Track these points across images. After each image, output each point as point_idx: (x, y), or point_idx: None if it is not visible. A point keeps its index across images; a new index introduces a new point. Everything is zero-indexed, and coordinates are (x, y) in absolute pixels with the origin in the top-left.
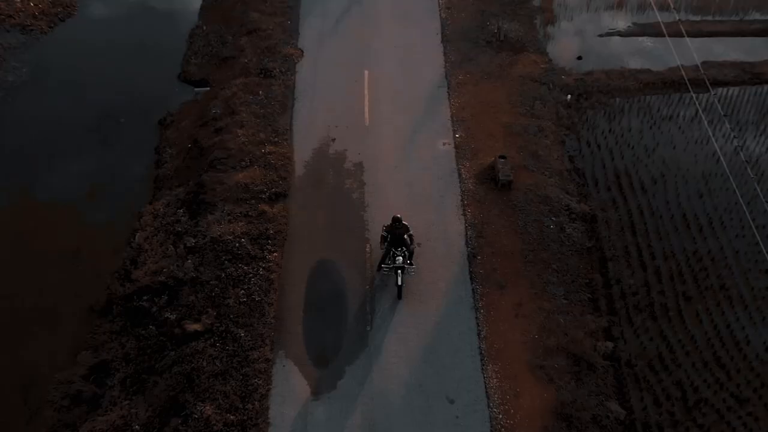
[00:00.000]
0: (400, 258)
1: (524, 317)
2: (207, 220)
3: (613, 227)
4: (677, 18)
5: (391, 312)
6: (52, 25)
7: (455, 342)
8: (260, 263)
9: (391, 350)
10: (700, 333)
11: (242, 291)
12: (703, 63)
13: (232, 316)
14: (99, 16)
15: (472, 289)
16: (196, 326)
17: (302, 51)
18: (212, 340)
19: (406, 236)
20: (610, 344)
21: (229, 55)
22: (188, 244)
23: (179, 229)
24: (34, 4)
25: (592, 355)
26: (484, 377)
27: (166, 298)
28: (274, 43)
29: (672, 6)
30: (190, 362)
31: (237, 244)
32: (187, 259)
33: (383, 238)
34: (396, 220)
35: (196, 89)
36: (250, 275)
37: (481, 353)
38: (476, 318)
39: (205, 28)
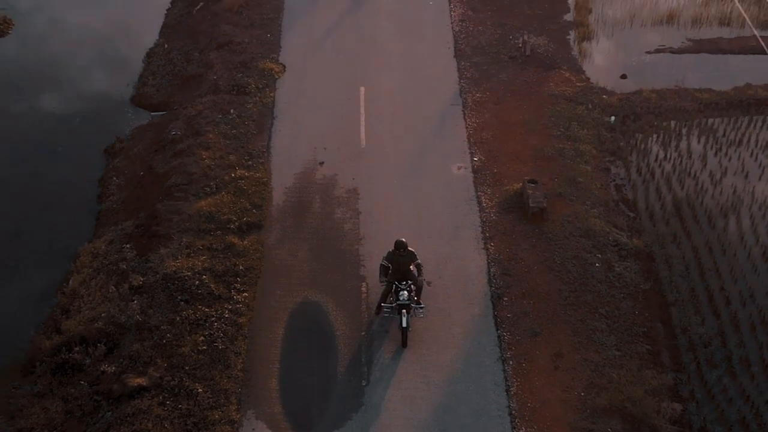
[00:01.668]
0: (405, 293)
1: (565, 371)
2: (159, 255)
3: (676, 267)
4: (742, 33)
5: (393, 363)
6: None
7: (477, 400)
8: (226, 304)
9: (393, 410)
10: None
11: (201, 338)
12: None
13: (187, 368)
14: (38, 35)
15: (498, 337)
16: (140, 380)
17: (284, 66)
18: (161, 397)
19: (412, 266)
20: (678, 406)
21: (194, 73)
22: (134, 283)
23: (124, 266)
24: None
25: (655, 418)
26: None
27: (104, 348)
28: (250, 58)
29: (735, 20)
30: (131, 424)
31: (197, 282)
32: (132, 300)
33: (383, 269)
34: (399, 246)
35: (153, 113)
36: (213, 319)
37: (510, 413)
38: (504, 371)
39: (166, 46)
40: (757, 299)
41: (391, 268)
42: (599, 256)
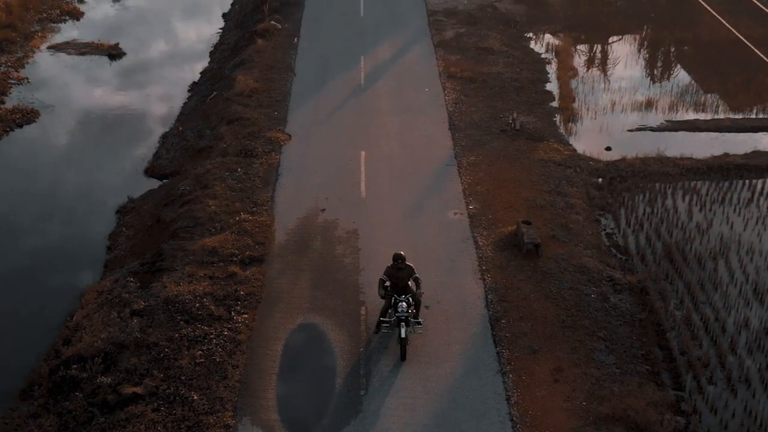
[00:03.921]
0: (404, 304)
1: (566, 383)
2: (162, 281)
3: (669, 300)
4: (716, 116)
5: (392, 375)
6: (8, 129)
7: (477, 408)
8: (225, 324)
9: (392, 416)
10: None
11: (200, 351)
12: (754, 152)
13: (183, 378)
14: (61, 125)
15: (497, 353)
16: (135, 389)
17: (290, 135)
18: (155, 403)
19: (410, 281)
20: (681, 419)
21: (205, 146)
22: (135, 308)
23: (126, 296)
24: None
25: (659, 428)
26: None
27: (102, 364)
28: (258, 129)
29: (709, 107)
30: (123, 427)
31: (197, 304)
32: (132, 320)
33: (382, 283)
34: (397, 258)
35: (164, 180)
36: (212, 336)
37: (512, 420)
38: (504, 382)
39: (180, 128)
40: (752, 326)
41: (389, 282)
42: (594, 288)
